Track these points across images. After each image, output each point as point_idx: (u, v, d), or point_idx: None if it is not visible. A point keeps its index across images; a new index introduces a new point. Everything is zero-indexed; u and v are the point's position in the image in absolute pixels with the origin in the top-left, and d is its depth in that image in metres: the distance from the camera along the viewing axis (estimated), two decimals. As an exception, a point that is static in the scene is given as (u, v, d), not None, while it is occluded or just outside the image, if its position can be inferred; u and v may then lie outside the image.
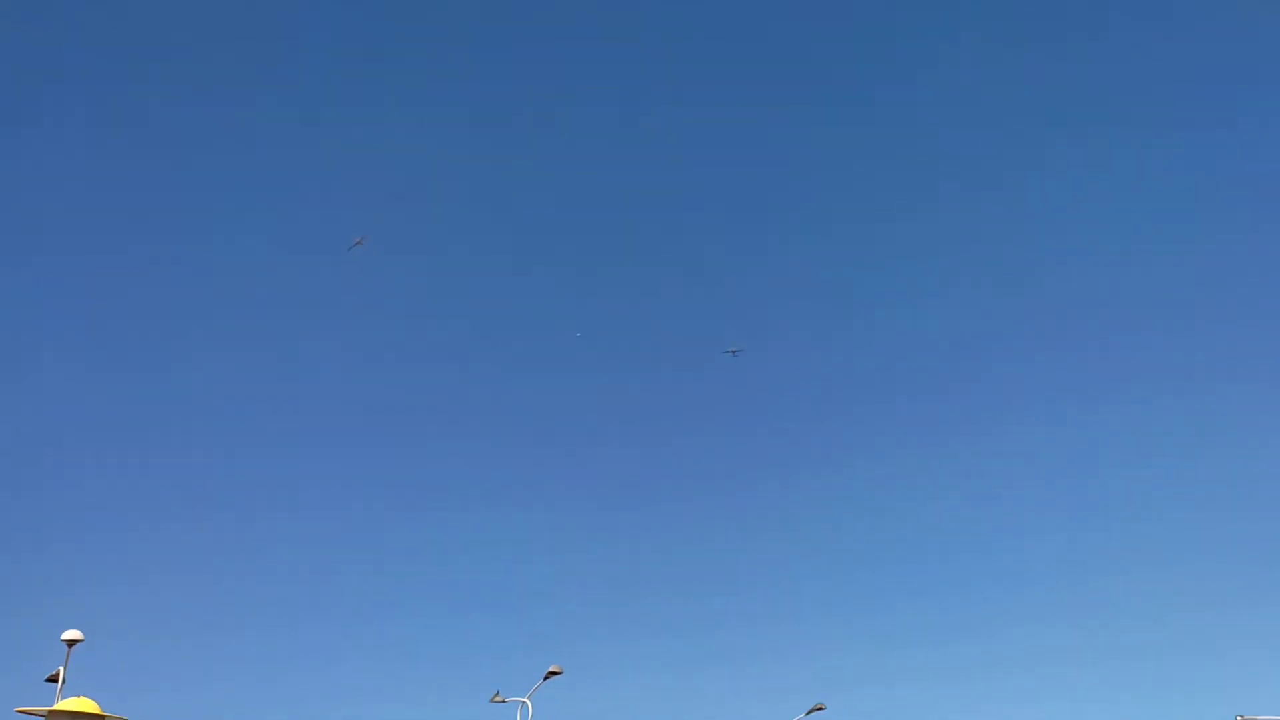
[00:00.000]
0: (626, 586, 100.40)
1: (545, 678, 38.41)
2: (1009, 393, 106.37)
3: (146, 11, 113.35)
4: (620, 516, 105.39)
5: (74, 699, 19.89)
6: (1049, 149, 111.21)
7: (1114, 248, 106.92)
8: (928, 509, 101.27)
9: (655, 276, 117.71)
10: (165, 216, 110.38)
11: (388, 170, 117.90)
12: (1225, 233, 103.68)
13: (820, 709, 42.80)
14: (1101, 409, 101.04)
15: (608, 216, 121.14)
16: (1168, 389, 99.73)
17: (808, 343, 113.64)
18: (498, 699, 37.99)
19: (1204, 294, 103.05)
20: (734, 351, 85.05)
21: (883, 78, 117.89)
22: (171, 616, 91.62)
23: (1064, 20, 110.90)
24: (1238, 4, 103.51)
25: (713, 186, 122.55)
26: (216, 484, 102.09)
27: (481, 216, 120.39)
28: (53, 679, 20.88)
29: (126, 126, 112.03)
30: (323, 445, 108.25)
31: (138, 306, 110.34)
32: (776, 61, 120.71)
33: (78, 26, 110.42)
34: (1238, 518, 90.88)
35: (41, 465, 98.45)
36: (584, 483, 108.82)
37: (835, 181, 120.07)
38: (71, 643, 20.27)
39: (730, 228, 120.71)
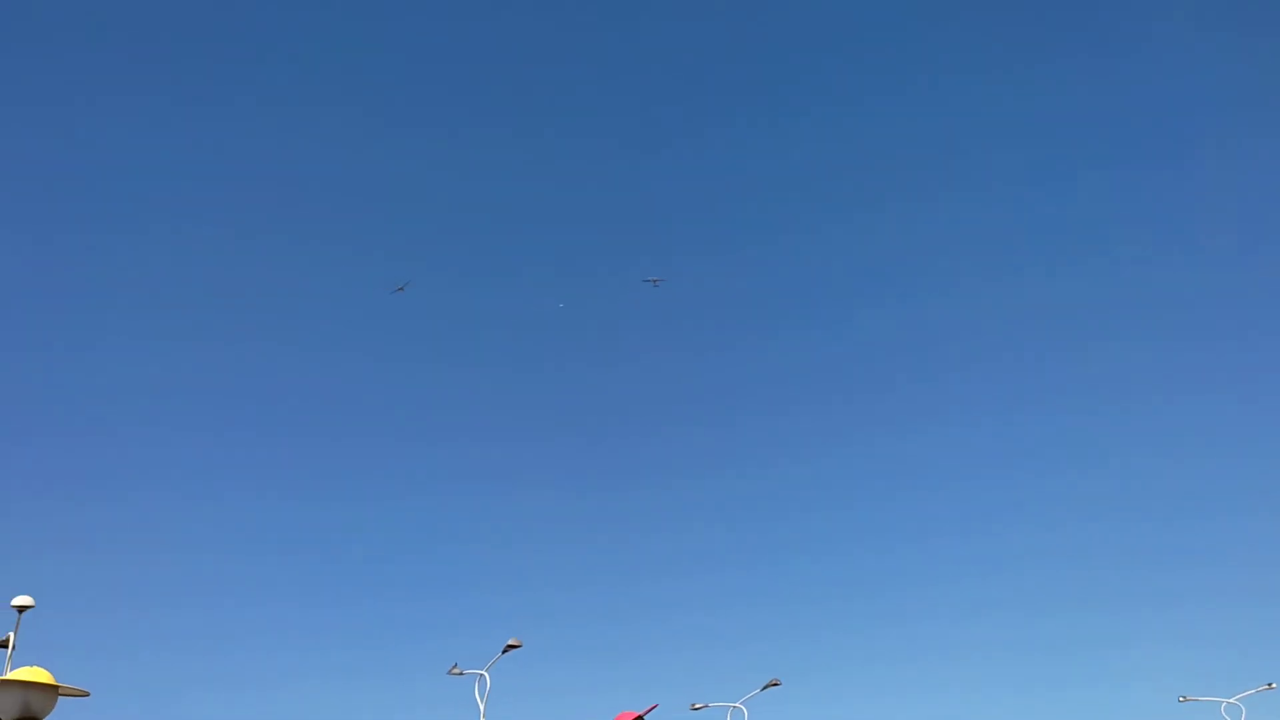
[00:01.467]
0: (590, 570, 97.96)
1: (504, 650, 35.46)
2: (984, 388, 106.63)
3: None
4: (589, 502, 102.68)
5: (26, 668, 16.24)
6: (1044, 151, 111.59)
7: (1112, 246, 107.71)
8: (897, 499, 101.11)
9: (629, 267, 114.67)
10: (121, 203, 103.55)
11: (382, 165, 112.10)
12: (1223, 235, 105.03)
13: (775, 684, 40.91)
14: (1066, 408, 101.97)
15: (589, 209, 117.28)
16: (1150, 390, 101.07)
17: (787, 335, 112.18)
18: (455, 671, 34.64)
19: (1204, 295, 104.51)
20: (655, 281, 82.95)
21: (876, 82, 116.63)
22: (128, 589, 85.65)
23: (1060, 24, 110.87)
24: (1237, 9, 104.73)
25: (697, 181, 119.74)
26: (185, 464, 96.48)
27: (458, 216, 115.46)
28: (2, 644, 17.06)
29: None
30: (295, 432, 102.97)
31: (111, 289, 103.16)
32: (767, 65, 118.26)
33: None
34: (1205, 520, 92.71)
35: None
36: (558, 469, 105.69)
37: (824, 178, 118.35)
38: (22, 609, 16.51)
39: (720, 222, 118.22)
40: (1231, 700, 45.60)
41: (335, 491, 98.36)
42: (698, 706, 41.26)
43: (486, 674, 34.94)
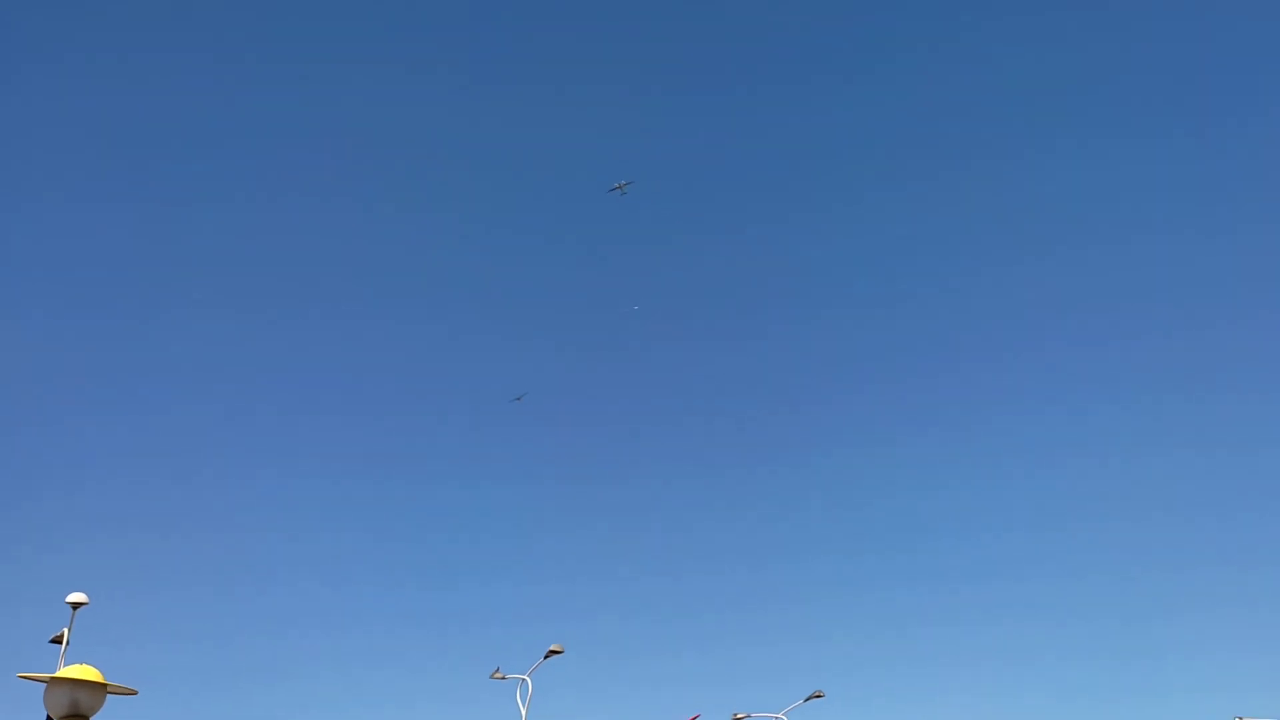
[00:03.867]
0: (629, 567, 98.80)
1: (546, 656, 36.08)
2: (1017, 385, 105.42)
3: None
4: (628, 497, 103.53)
5: (76, 666, 17.07)
6: (1042, 144, 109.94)
7: (1110, 246, 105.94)
8: (932, 498, 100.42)
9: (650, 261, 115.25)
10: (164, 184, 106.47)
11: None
12: (1223, 232, 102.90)
13: (819, 696, 40.91)
14: (1105, 404, 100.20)
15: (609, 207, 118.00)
16: (1169, 387, 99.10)
17: (806, 331, 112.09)
18: (498, 675, 35.42)
19: (1202, 295, 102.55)
20: (620, 187, 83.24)
21: (879, 74, 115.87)
22: (179, 579, 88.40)
23: (1062, 13, 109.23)
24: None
25: (696, 174, 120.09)
26: (222, 451, 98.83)
27: (492, 199, 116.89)
28: (56, 640, 18.01)
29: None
30: (328, 418, 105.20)
31: (138, 270, 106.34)
32: (769, 51, 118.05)
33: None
34: (1242, 519, 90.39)
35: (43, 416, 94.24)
36: (595, 464, 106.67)
37: (821, 172, 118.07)
38: (76, 605, 17.41)
39: (719, 221, 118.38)
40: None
41: (387, 475, 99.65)
42: (740, 717, 41.52)
43: (528, 679, 35.62)
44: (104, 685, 17.32)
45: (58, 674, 16.72)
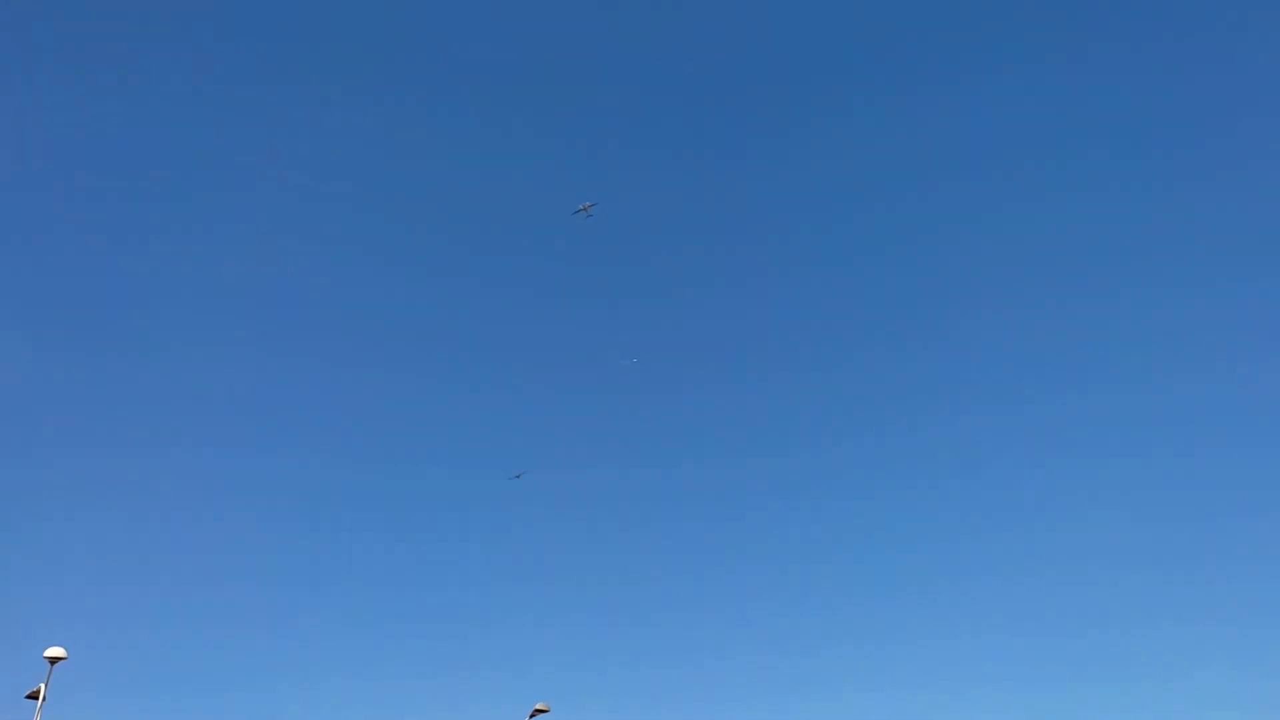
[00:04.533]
0: (614, 573, 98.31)
1: (531, 716, 37.01)
2: (1012, 385, 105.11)
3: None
4: (609, 499, 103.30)
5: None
6: (1053, 167, 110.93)
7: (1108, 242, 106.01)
8: (916, 502, 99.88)
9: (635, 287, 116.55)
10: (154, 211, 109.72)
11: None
12: (1227, 237, 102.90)
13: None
14: (1097, 394, 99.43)
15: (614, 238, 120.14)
16: (1168, 388, 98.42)
17: (790, 338, 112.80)
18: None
19: (1206, 297, 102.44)
20: (586, 209, 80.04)
21: (882, 85, 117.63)
22: (157, 621, 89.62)
23: (1072, 33, 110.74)
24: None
25: (697, 189, 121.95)
26: (213, 484, 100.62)
27: (490, 238, 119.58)
28: (33, 696, 19.68)
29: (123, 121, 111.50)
30: (314, 450, 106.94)
31: (127, 299, 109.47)
32: (775, 67, 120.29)
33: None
34: (1241, 522, 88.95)
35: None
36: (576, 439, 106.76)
37: (829, 185, 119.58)
38: (54, 660, 19.03)
39: (724, 225, 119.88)
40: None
41: (369, 521, 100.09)
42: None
43: (512, 739, 36.78)
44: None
45: (37, 733, 18.15)
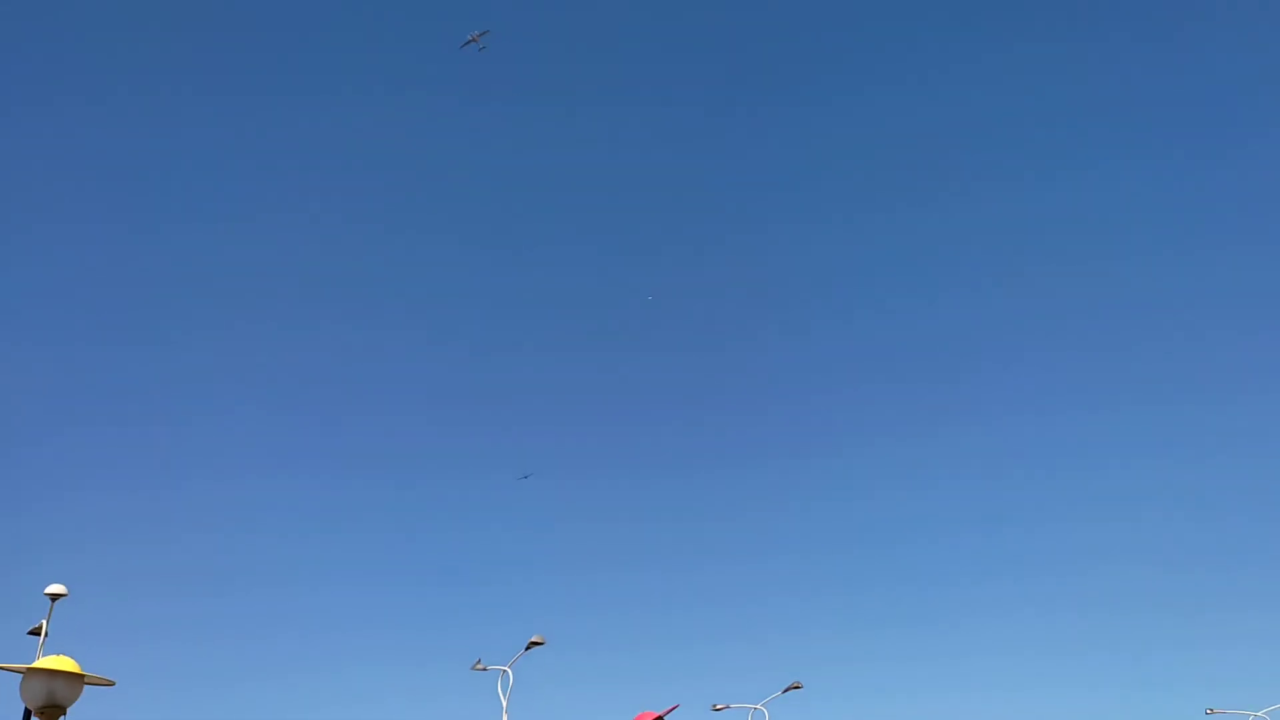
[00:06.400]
0: (610, 560, 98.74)
1: (527, 648, 35.86)
2: (1003, 388, 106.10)
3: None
4: (612, 492, 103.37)
5: (53, 657, 16.70)
6: (1052, 151, 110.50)
7: (1117, 250, 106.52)
8: (917, 497, 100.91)
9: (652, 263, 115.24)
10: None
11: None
12: (1229, 240, 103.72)
13: (797, 687, 40.95)
14: (1086, 409, 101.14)
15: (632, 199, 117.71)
16: (1166, 393, 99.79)
17: (804, 333, 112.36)
18: (479, 667, 35.16)
19: (1207, 299, 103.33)
20: (476, 39, 79.74)
21: (884, 75, 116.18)
22: (159, 578, 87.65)
23: (1072, 21, 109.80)
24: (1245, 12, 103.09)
25: (711, 178, 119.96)
26: (214, 451, 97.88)
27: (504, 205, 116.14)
28: (35, 632, 17.63)
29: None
30: (322, 416, 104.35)
31: (132, 285, 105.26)
32: (777, 58, 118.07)
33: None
34: (1231, 520, 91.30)
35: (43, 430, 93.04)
36: (578, 458, 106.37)
37: (833, 177, 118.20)
38: (55, 597, 17.04)
39: (731, 222, 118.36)
40: (1261, 713, 45.10)
41: (362, 475, 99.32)
42: (719, 707, 41.47)
43: (509, 670, 35.40)
44: (81, 676, 16.94)
45: (34, 664, 16.35)
